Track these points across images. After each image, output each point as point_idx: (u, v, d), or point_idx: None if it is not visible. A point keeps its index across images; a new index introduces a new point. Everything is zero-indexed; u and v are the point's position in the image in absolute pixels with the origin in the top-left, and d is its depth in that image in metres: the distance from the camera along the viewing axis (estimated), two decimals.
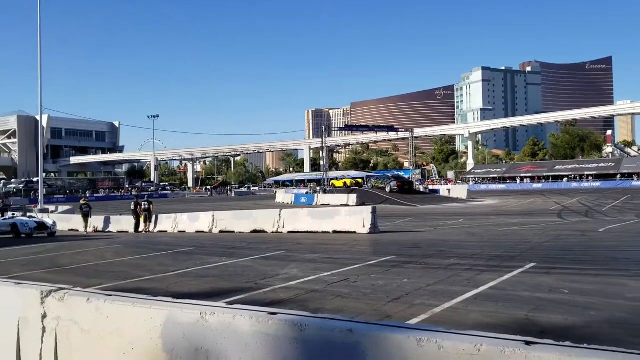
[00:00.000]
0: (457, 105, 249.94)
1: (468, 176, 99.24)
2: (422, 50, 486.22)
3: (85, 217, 27.42)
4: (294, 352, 2.98)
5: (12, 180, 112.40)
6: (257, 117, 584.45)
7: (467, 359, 2.52)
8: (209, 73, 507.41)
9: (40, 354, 4.09)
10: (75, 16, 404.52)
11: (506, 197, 51.82)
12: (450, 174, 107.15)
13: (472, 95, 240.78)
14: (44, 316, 4.10)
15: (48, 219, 26.34)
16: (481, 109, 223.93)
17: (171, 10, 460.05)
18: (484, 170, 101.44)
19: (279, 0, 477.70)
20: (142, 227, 25.58)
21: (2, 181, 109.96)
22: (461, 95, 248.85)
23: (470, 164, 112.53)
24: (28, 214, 28.04)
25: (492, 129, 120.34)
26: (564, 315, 6.31)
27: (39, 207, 41.30)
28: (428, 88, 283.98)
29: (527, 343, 2.46)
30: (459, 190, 54.34)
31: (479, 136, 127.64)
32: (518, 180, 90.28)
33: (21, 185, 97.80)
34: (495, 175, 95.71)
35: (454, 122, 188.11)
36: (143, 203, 25.81)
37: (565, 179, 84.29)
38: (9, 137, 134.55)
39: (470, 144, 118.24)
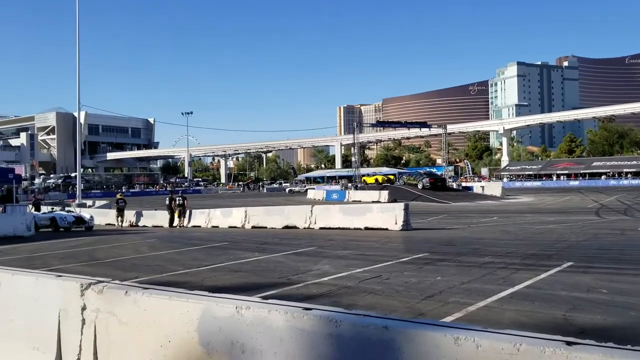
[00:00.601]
0: (492, 101, 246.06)
1: (502, 173, 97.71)
2: (456, 46, 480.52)
3: (121, 211, 28.30)
4: (328, 348, 2.98)
5: (51, 176, 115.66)
6: (288, 113, 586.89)
7: (505, 359, 2.48)
8: (241, 70, 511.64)
9: (80, 345, 4.19)
10: (113, 16, 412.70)
11: (542, 195, 50.80)
12: (484, 171, 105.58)
13: (507, 90, 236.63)
14: (84, 308, 4.20)
15: (85, 214, 26.99)
16: (516, 105, 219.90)
17: (204, 8, 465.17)
18: (518, 167, 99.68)
19: None
20: (176, 222, 26.01)
21: (42, 176, 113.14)
22: (496, 91, 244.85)
23: (505, 160, 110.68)
24: (66, 209, 28.82)
25: (528, 125, 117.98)
26: (602, 316, 6.15)
27: (76, 201, 42.37)
28: (462, 84, 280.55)
29: (568, 343, 2.40)
30: (493, 188, 53.45)
31: (514, 132, 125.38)
32: (554, 178, 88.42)
33: (60, 180, 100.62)
34: (531, 172, 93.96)
35: (488, 118, 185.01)
36: (177, 198, 26.24)
37: (603, 177, 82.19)
38: (48, 134, 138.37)
39: (504, 140, 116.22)
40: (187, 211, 26.35)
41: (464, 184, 62.72)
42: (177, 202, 26.12)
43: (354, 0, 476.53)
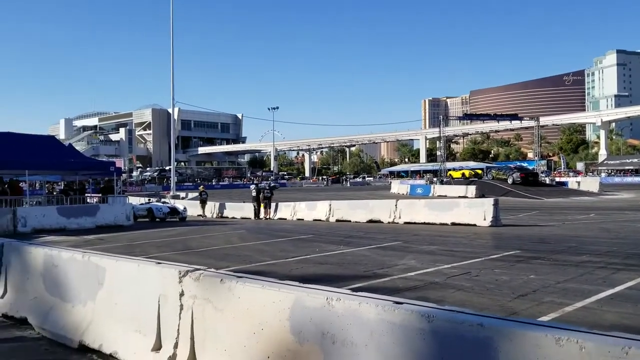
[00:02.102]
0: (588, 92, 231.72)
1: (600, 168, 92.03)
2: (549, 34, 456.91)
3: (203, 203, 29.97)
4: (420, 343, 2.94)
5: (148, 169, 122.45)
6: (372, 107, 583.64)
7: None
8: (326, 64, 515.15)
9: (178, 329, 4.40)
10: (205, 15, 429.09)
11: None
12: (580, 166, 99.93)
13: (605, 80, 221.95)
14: (182, 294, 4.41)
15: (179, 205, 28.34)
16: (615, 96, 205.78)
17: (286, 3, 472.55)
18: (618, 162, 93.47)
19: None
20: (262, 214, 26.69)
21: (139, 169, 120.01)
22: (592, 81, 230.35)
23: (603, 154, 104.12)
24: (162, 200, 30.42)
25: (629, 117, 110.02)
26: None
27: (171, 193, 44.65)
28: (555, 74, 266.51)
29: None
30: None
31: (613, 125, 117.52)
32: None
33: (155, 173, 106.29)
34: (632, 167, 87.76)
35: (584, 110, 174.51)
36: (265, 190, 26.92)
37: None
38: (144, 129, 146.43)
39: (602, 133, 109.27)
40: (273, 204, 26.95)
41: (557, 179, 59.75)
42: (265, 195, 26.78)
43: None
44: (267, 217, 26.42)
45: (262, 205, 26.84)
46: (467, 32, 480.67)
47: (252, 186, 28.31)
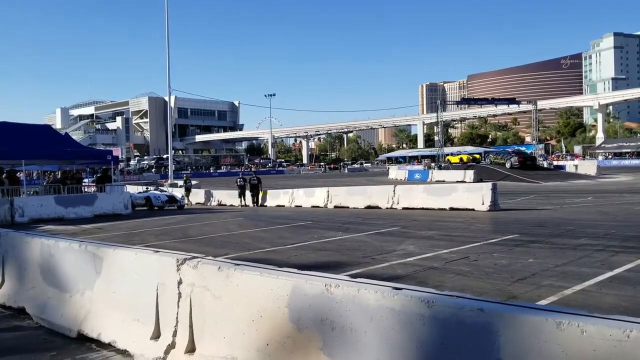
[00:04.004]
0: (585, 75, 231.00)
1: (597, 151, 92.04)
2: (546, 17, 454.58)
3: (188, 190, 30.73)
4: (420, 329, 2.92)
5: (145, 157, 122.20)
6: (369, 93, 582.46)
7: (613, 346, 2.32)
8: (322, 50, 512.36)
9: (177, 317, 4.39)
10: (201, 2, 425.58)
11: None
12: (577, 149, 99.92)
13: (602, 63, 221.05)
14: (180, 282, 4.39)
15: (177, 193, 28.31)
16: (612, 79, 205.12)
17: None
18: (615, 145, 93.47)
19: None
20: (249, 201, 26.89)
21: (137, 158, 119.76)
22: (590, 64, 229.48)
23: (600, 137, 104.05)
24: (160, 188, 30.38)
25: (626, 100, 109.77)
26: None
27: (169, 182, 44.55)
28: (553, 57, 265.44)
29: None
30: (587, 166, 50.58)
31: (610, 108, 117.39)
32: None
33: (153, 162, 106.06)
34: (629, 150, 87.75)
35: (581, 93, 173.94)
36: (252, 179, 27.28)
37: None
38: (141, 117, 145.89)
39: (600, 116, 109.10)
40: (261, 193, 27.22)
41: (555, 163, 59.81)
42: (252, 183, 27.03)
43: None
44: (254, 204, 26.63)
45: (251, 194, 27.09)
46: (464, 17, 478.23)
47: (239, 180, 28.33)
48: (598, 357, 2.34)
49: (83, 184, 25.51)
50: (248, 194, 27.29)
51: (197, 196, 31.46)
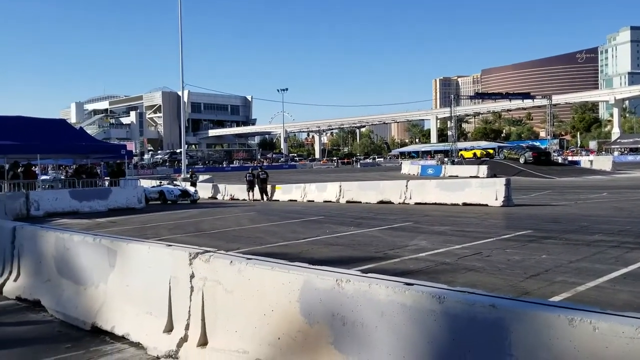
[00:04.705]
0: (601, 70, 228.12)
1: (613, 146, 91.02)
2: (562, 11, 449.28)
3: (193, 185, 31.39)
4: (431, 324, 2.92)
5: (159, 152, 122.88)
6: (382, 87, 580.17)
7: (626, 343, 2.30)
8: (335, 45, 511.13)
9: (189, 311, 4.42)
10: None
11: None
12: (593, 144, 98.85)
13: (618, 58, 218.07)
14: (192, 276, 4.42)
15: (190, 187, 28.46)
16: (629, 73, 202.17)
17: None
18: (631, 140, 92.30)
19: None
20: (257, 195, 27.13)
21: (150, 152, 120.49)
22: (606, 59, 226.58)
23: (616, 133, 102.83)
24: (173, 183, 30.58)
25: None
26: None
27: (182, 176, 44.79)
28: (568, 51, 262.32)
29: None
30: (602, 162, 50.01)
31: (626, 103, 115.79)
32: None
33: (166, 156, 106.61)
34: None
35: (597, 88, 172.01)
36: (260, 173, 27.62)
37: None
38: (155, 112, 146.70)
39: (615, 111, 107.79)
40: (269, 186, 27.62)
41: (570, 158, 59.26)
42: (261, 177, 27.37)
43: None
44: (263, 199, 27.01)
45: (260, 188, 27.41)
46: (479, 10, 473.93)
47: (248, 175, 28.66)
48: (610, 354, 2.32)
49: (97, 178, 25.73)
50: (257, 188, 27.65)
51: (205, 190, 31.71)
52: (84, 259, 5.80)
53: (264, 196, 27.21)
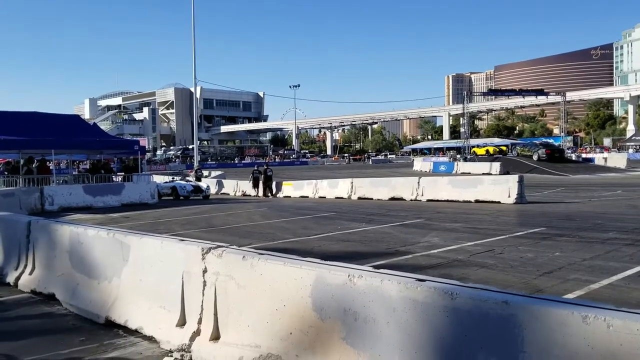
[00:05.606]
0: (616, 66, 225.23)
1: (627, 144, 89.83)
2: (576, 7, 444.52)
3: (198, 180, 31.15)
4: (444, 320, 2.91)
5: (171, 147, 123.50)
6: (394, 83, 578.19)
7: None
8: (347, 41, 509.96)
9: (202, 305, 4.45)
10: None
11: None
12: (607, 141, 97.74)
13: (633, 54, 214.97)
14: (205, 271, 4.45)
15: (202, 183, 28.58)
16: None
17: None
18: None
19: None
20: (260, 192, 27.63)
21: (163, 148, 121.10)
22: (621, 55, 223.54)
23: (631, 130, 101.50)
24: (186, 178, 30.76)
25: None
26: None
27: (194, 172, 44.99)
28: (582, 48, 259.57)
29: None
30: (617, 159, 49.52)
31: None
32: None
33: (179, 152, 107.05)
34: None
35: (612, 85, 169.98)
36: (267, 170, 28.09)
37: None
38: (167, 108, 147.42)
39: (631, 108, 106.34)
40: (274, 182, 28.04)
41: (584, 155, 58.70)
42: (267, 174, 27.83)
43: None
44: (267, 195, 27.36)
45: (265, 185, 27.84)
46: (492, 6, 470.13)
47: (255, 172, 29.14)
48: (624, 351, 2.31)
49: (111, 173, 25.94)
50: (261, 184, 28.16)
51: (218, 186, 31.93)
52: (98, 253, 5.86)
53: (268, 192, 27.62)
